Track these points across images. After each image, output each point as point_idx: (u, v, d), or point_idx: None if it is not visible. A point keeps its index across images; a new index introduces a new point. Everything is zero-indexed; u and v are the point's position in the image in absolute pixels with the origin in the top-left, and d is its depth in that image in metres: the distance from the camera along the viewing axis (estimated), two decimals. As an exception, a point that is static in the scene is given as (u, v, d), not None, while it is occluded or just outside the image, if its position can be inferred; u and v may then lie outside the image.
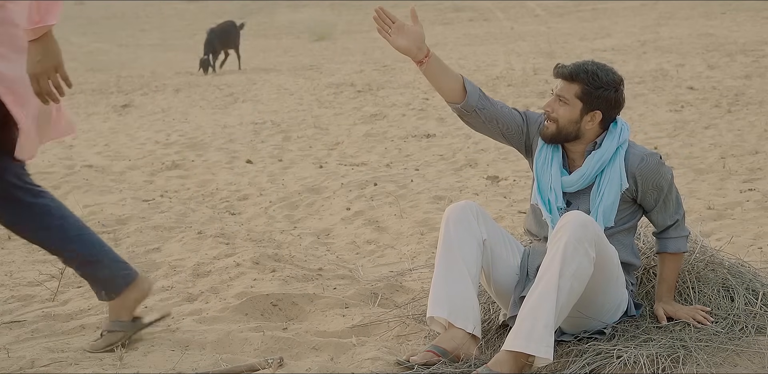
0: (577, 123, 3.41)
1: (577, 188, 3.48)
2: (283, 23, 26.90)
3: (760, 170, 6.85)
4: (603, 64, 3.44)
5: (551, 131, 3.44)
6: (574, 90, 3.39)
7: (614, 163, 3.41)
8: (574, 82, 3.39)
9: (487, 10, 26.34)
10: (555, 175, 3.49)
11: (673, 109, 9.75)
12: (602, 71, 3.39)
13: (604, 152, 3.42)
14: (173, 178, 7.82)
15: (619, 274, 3.38)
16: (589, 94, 3.37)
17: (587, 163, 3.44)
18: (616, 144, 3.42)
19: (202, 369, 3.40)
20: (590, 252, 3.18)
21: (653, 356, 3.19)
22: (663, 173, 3.43)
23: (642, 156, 3.42)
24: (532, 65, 13.99)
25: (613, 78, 3.40)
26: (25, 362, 3.50)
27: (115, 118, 11.73)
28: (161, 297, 4.41)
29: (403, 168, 7.76)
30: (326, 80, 14.02)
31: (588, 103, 3.38)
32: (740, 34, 16.28)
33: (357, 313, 4.02)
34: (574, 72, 3.39)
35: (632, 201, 3.48)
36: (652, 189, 3.43)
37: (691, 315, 3.45)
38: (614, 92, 3.39)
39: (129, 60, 19.39)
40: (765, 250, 4.76)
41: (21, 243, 5.72)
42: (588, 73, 3.37)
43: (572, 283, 3.15)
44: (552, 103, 3.43)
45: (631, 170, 3.41)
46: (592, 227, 3.21)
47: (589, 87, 3.37)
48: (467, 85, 3.56)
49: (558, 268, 3.15)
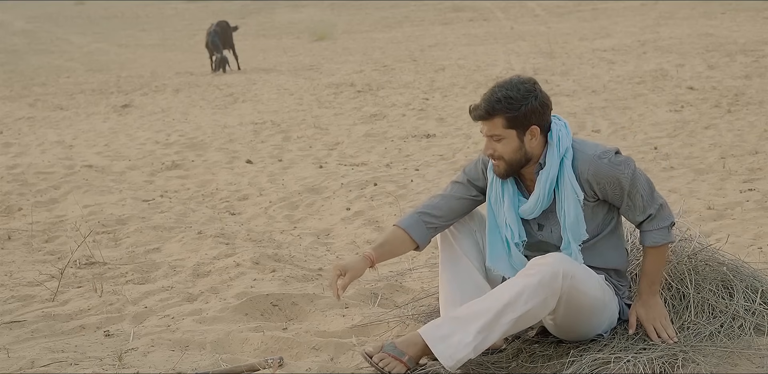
0: (521, 148, 3.28)
1: (539, 212, 3.36)
2: (283, 23, 26.89)
3: (760, 170, 6.85)
4: (509, 81, 3.26)
5: (502, 168, 3.32)
6: (500, 123, 3.24)
7: (563, 176, 3.28)
8: (494, 117, 3.23)
9: (487, 10, 26.33)
10: (508, 210, 3.38)
11: (673, 109, 9.74)
12: (511, 90, 3.22)
13: (549, 169, 3.28)
14: (173, 178, 7.82)
15: (605, 297, 3.33)
16: (514, 119, 3.23)
17: (538, 185, 3.32)
18: (558, 157, 3.28)
19: (202, 369, 3.40)
20: (549, 304, 3.15)
21: (653, 361, 3.19)
22: (619, 171, 3.25)
23: (590, 160, 3.26)
24: (532, 65, 13.99)
25: (526, 88, 3.24)
26: (25, 362, 3.50)
27: (115, 118, 11.72)
28: (161, 297, 4.41)
29: (403, 168, 7.76)
30: (326, 80, 14.02)
31: (519, 125, 3.24)
32: (740, 34, 16.27)
33: (357, 313, 4.02)
34: (489, 108, 3.22)
35: (602, 202, 3.36)
36: (612, 189, 3.29)
37: (654, 325, 3.35)
38: (535, 100, 3.23)
39: (129, 60, 19.38)
40: (765, 250, 4.76)
41: (21, 243, 5.73)
42: (501, 101, 3.21)
43: (515, 321, 3.14)
44: (489, 145, 3.30)
45: (584, 177, 3.27)
46: (565, 282, 3.14)
47: (510, 113, 3.22)
48: (412, 235, 3.45)
49: (508, 300, 3.12)
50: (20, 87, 15.45)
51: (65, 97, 13.89)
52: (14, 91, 14.87)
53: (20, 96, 14.26)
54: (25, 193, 7.23)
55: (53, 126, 11.19)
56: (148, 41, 23.64)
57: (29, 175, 7.90)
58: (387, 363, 3.19)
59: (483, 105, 3.25)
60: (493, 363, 3.37)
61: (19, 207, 6.78)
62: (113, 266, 5.05)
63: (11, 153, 9.25)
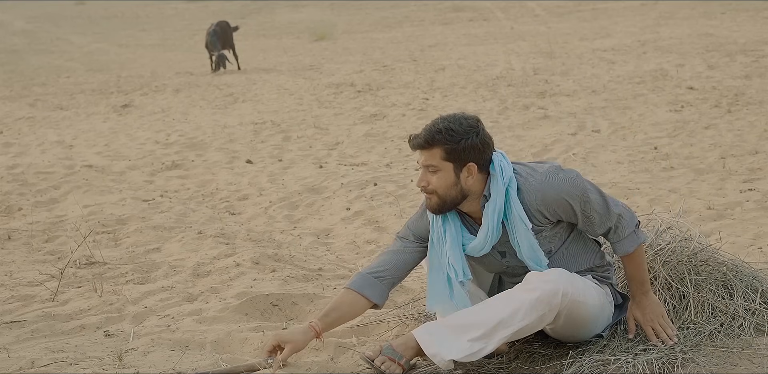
0: (457, 184, 3.22)
1: (488, 247, 3.29)
2: (283, 23, 26.88)
3: (760, 170, 6.85)
4: (454, 115, 3.23)
5: (434, 202, 3.25)
6: (438, 154, 3.20)
7: (510, 207, 3.21)
8: (433, 147, 3.19)
9: (487, 10, 26.33)
10: (451, 248, 3.30)
11: (673, 109, 9.74)
12: (454, 123, 3.18)
13: (495, 200, 3.22)
14: (173, 178, 7.82)
15: (602, 301, 3.34)
16: (453, 151, 3.18)
17: (485, 219, 3.24)
18: (503, 187, 3.21)
19: (202, 369, 3.40)
20: (546, 319, 3.16)
21: (653, 361, 3.19)
22: (566, 192, 3.19)
23: (535, 188, 3.20)
24: (532, 65, 13.99)
25: (468, 123, 3.19)
26: (25, 362, 3.50)
27: (115, 118, 11.72)
28: (161, 297, 4.41)
29: (403, 168, 7.76)
30: (326, 80, 14.02)
31: (457, 160, 3.19)
32: (740, 34, 16.27)
33: (357, 313, 4.02)
34: (429, 138, 3.19)
35: (560, 222, 3.29)
36: (564, 212, 3.23)
37: (653, 326, 3.33)
38: (476, 136, 3.19)
39: (129, 60, 19.38)
40: (765, 250, 4.76)
41: (21, 243, 5.73)
42: (441, 132, 3.17)
43: (511, 335, 3.15)
44: (423, 177, 3.25)
45: (534, 207, 3.21)
46: (564, 299, 3.13)
47: (449, 145, 3.17)
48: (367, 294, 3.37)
49: (505, 316, 3.13)
50: (20, 87, 15.45)
51: (65, 97, 13.89)
52: (14, 91, 14.87)
53: (20, 96, 14.26)
54: (25, 193, 7.23)
55: (53, 126, 11.19)
56: (148, 41, 23.64)
57: (29, 175, 7.90)
58: (388, 367, 3.24)
59: (423, 134, 3.21)
60: (494, 363, 3.37)
61: (19, 207, 6.78)
62: (113, 266, 5.05)
63: (11, 153, 9.25)
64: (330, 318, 3.37)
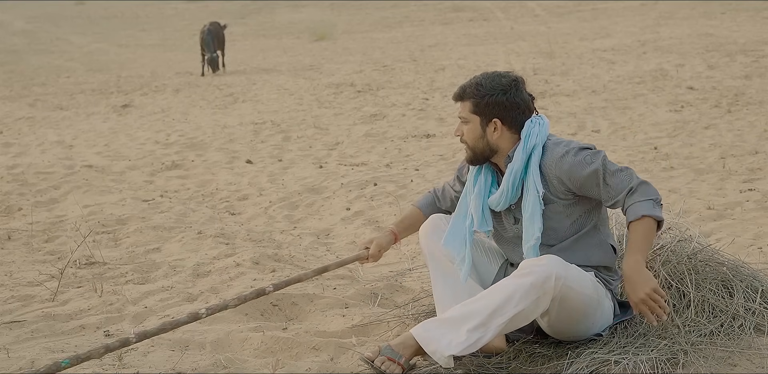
0: (483, 137, 3.40)
1: (505, 204, 3.41)
2: (283, 23, 26.89)
3: (760, 170, 6.85)
4: (495, 72, 3.40)
5: (468, 154, 3.48)
6: (468, 107, 3.40)
7: (529, 171, 3.33)
8: (465, 99, 3.40)
9: (487, 10, 26.34)
10: (475, 197, 3.48)
11: (673, 109, 9.74)
12: (487, 79, 3.36)
13: (514, 164, 3.35)
14: (173, 178, 7.82)
15: (598, 295, 3.33)
16: (478, 105, 3.37)
17: (505, 179, 3.38)
18: (524, 152, 3.33)
19: (202, 369, 3.40)
20: (541, 304, 3.16)
21: (653, 361, 3.19)
22: (585, 161, 3.25)
23: (557, 158, 3.29)
24: (532, 65, 13.99)
25: (500, 82, 3.35)
26: (25, 362, 3.50)
27: (115, 118, 11.73)
28: (161, 297, 4.41)
29: (403, 168, 7.76)
30: (326, 80, 14.02)
31: (482, 114, 3.38)
32: (740, 34, 16.27)
33: (357, 313, 4.02)
34: (461, 91, 3.41)
35: (580, 201, 3.34)
36: (585, 179, 3.26)
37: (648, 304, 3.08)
38: (503, 95, 3.33)
39: (129, 60, 19.38)
40: (765, 250, 4.76)
41: (21, 243, 5.73)
42: (473, 86, 3.38)
43: (507, 322, 3.15)
44: (458, 127, 3.47)
45: (554, 173, 3.30)
46: (557, 283, 3.13)
47: (476, 98, 3.36)
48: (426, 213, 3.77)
49: (500, 302, 3.14)
50: (20, 87, 15.45)
51: (65, 97, 13.89)
52: (14, 91, 14.87)
53: (20, 96, 14.27)
54: (25, 193, 7.23)
55: (53, 126, 11.19)
56: (148, 41, 23.64)
57: (29, 175, 7.90)
58: (388, 367, 3.25)
59: (459, 87, 3.44)
60: (494, 363, 3.37)
61: (19, 207, 6.78)
62: (113, 266, 5.05)
63: (11, 153, 9.25)
64: (404, 224, 3.79)
